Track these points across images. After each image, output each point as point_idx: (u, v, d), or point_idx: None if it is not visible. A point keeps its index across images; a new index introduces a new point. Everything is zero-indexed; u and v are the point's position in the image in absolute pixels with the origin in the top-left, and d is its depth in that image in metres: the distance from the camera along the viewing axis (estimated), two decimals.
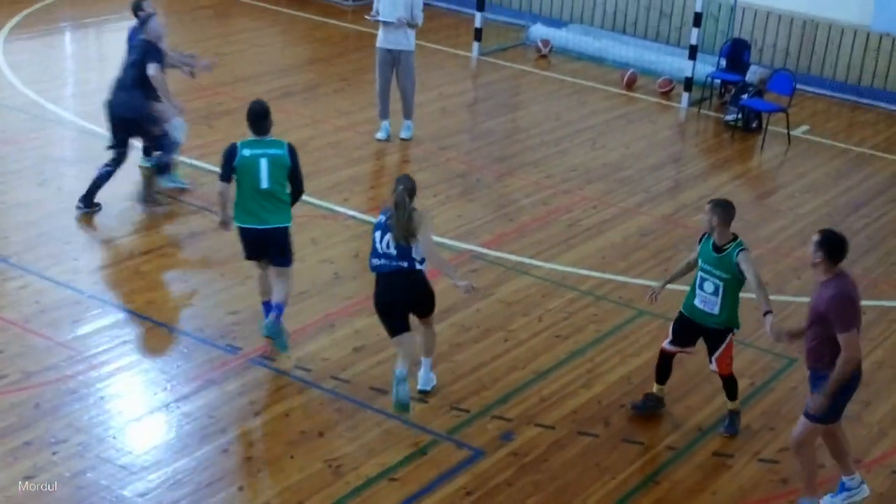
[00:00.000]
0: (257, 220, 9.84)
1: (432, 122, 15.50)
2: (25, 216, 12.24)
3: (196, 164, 13.66)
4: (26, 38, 17.81)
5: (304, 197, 10.43)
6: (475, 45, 18.96)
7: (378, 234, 9.31)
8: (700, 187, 14.56)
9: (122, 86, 12.37)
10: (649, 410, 9.73)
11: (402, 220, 9.16)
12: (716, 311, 9.28)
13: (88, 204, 12.43)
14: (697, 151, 16.16)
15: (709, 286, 9.27)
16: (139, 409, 9.31)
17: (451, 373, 10.07)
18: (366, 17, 15.34)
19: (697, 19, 17.29)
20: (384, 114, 15.03)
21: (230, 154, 9.78)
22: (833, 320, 8.04)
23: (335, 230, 12.50)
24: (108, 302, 10.72)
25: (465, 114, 16.66)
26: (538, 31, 19.77)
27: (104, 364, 9.77)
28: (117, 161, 12.43)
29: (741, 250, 9.17)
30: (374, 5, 14.80)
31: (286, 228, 9.97)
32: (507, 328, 10.90)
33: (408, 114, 15.14)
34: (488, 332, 10.80)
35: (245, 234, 9.99)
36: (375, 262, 9.36)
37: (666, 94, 17.80)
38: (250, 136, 9.82)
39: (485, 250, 12.36)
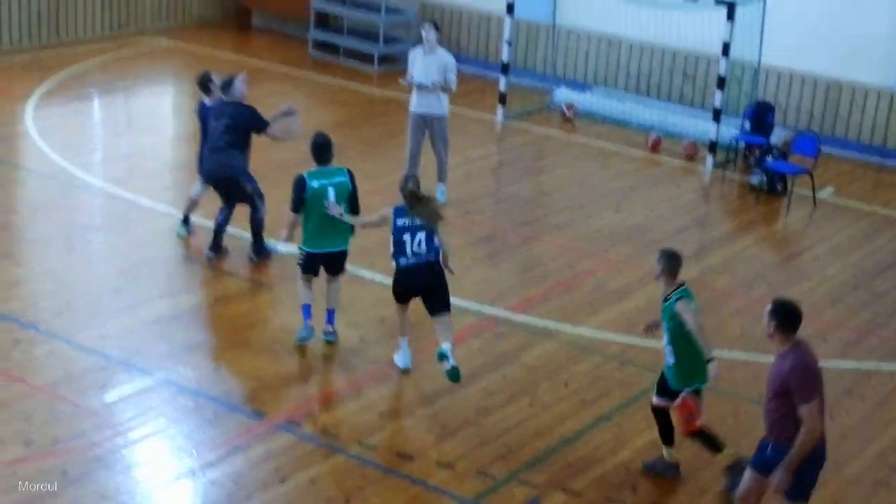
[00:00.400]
0: (326, 244, 11.10)
1: (458, 186, 15.57)
2: (54, 283, 12.33)
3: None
4: (56, 104, 18.00)
5: None
6: (500, 108, 19.07)
7: (408, 235, 10.42)
8: (725, 250, 14.56)
9: (216, 149, 12.73)
10: (660, 473, 9.69)
11: (430, 206, 10.51)
12: (672, 361, 9.37)
13: (217, 249, 12.97)
14: (722, 214, 16.17)
15: (665, 336, 9.36)
16: (165, 476, 9.32)
17: (478, 437, 10.06)
18: (399, 80, 15.49)
19: (721, 82, 17.36)
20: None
21: (300, 187, 10.93)
22: (794, 392, 7.94)
23: (361, 295, 12.52)
24: (134, 367, 10.76)
25: (490, 177, 16.74)
26: (563, 94, 19.88)
27: (131, 430, 9.80)
28: (230, 206, 12.97)
29: (679, 298, 9.19)
30: (409, 69, 14.93)
31: (347, 249, 11.27)
32: (533, 393, 10.89)
33: (442, 177, 15.25)
34: (514, 397, 10.78)
35: (312, 258, 11.13)
36: (404, 260, 10.46)
37: (690, 157, 17.84)
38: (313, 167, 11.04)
39: (510, 314, 12.37)
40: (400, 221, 10.48)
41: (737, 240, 15.01)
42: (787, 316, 8.04)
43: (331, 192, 10.95)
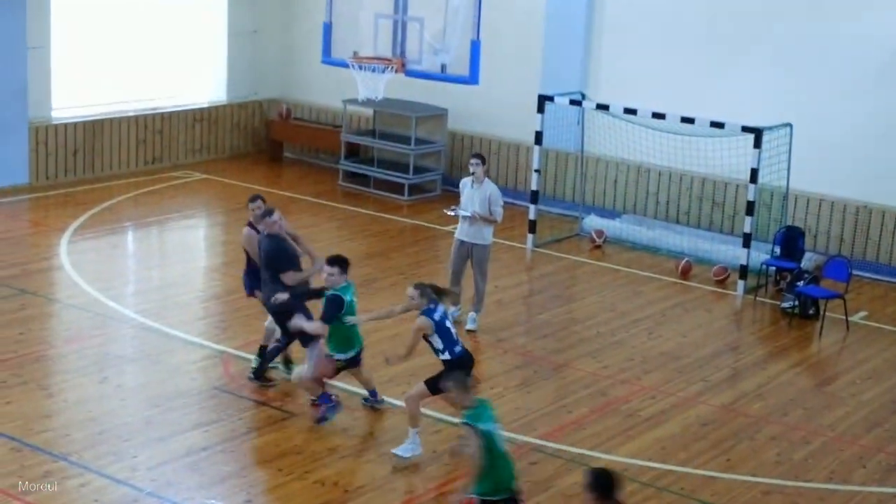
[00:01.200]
0: (353, 347, 12.20)
1: (489, 314, 15.57)
2: (86, 413, 12.33)
3: (251, 357, 13.72)
4: (90, 237, 18.20)
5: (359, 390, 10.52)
6: (530, 237, 19.16)
7: (450, 325, 11.53)
8: (759, 375, 14.46)
9: (263, 281, 12.88)
10: None
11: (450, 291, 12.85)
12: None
13: (260, 377, 13.20)
14: (755, 339, 16.08)
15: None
16: None
17: None
18: (444, 210, 16.14)
19: (750, 208, 17.42)
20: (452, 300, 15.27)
21: (340, 305, 11.92)
22: None
23: (393, 424, 12.46)
24: (166, 500, 10.69)
25: (521, 305, 16.75)
26: (592, 221, 19.97)
27: None
28: (287, 339, 13.06)
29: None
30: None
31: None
32: None
33: (477, 306, 15.33)
34: None
35: (348, 360, 12.20)
36: (458, 348, 11.52)
37: (721, 283, 17.82)
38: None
39: (544, 442, 12.27)
40: (437, 315, 11.45)
41: (770, 365, 14.91)
42: (602, 485, 8.08)
43: (355, 301, 12.26)
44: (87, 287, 15.95)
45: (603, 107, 18.91)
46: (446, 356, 11.44)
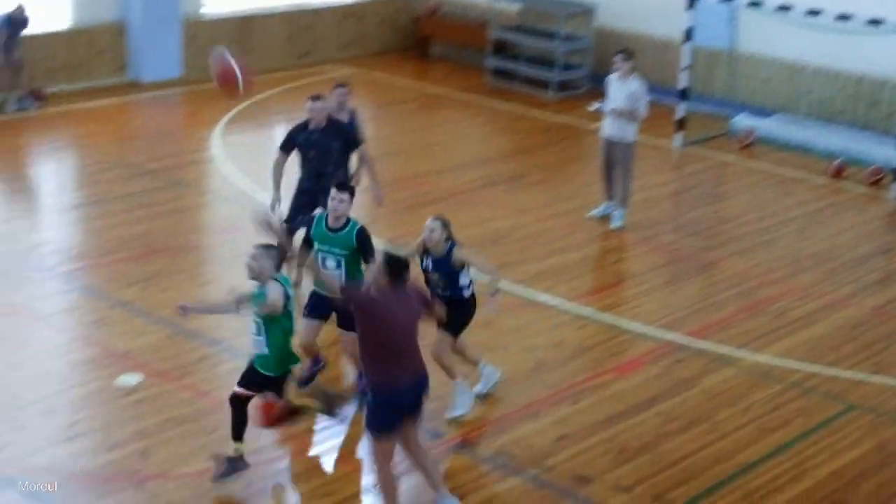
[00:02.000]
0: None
1: (635, 212, 15.44)
2: None
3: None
4: (240, 131, 18.45)
5: (508, 285, 10.58)
6: (677, 135, 18.90)
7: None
8: None
9: None
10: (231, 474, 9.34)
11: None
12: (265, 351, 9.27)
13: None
14: None
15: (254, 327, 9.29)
16: (351, 487, 9.44)
17: (656, 463, 9.96)
18: (587, 107, 15.94)
19: None
20: (605, 195, 15.26)
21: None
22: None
23: (539, 318, 12.54)
24: None
25: (668, 204, 16.59)
26: (742, 121, 19.60)
27: (315, 445, 9.95)
28: None
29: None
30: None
31: None
32: (713, 419, 10.73)
33: (620, 203, 15.18)
34: (693, 423, 10.64)
35: None
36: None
37: (875, 184, 17.38)
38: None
39: (690, 340, 12.22)
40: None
41: None
42: (395, 267, 8.53)
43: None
44: (237, 180, 16.24)
45: (755, 4, 18.46)
46: (469, 292, 10.38)
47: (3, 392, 10.68)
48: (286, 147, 12.71)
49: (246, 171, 16.60)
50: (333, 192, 10.19)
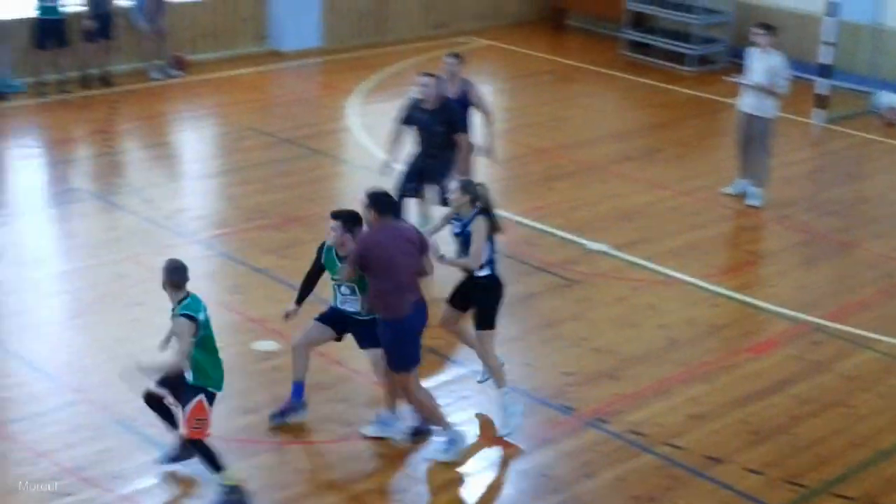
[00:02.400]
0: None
1: (774, 190, 15.21)
2: None
3: (533, 224, 13.92)
4: (377, 101, 18.58)
5: (641, 261, 10.50)
6: (818, 112, 18.54)
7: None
8: None
9: None
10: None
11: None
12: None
13: None
14: None
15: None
16: (474, 463, 9.54)
17: (789, 446, 9.87)
18: (724, 77, 15.79)
19: None
20: (740, 172, 15.03)
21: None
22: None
23: (672, 296, 12.47)
24: (447, 358, 11.01)
25: (806, 182, 16.32)
26: (886, 98, 19.15)
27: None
28: None
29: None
30: None
31: None
32: (848, 403, 10.58)
33: (756, 181, 14.96)
34: (828, 407, 10.51)
35: None
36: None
37: None
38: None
39: (826, 322, 12.05)
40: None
41: None
42: (381, 203, 9.05)
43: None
44: (373, 149, 16.39)
45: None
46: (487, 271, 9.78)
47: (146, 356, 10.94)
48: (399, 120, 13.00)
49: (381, 141, 16.71)
50: (329, 219, 9.51)
